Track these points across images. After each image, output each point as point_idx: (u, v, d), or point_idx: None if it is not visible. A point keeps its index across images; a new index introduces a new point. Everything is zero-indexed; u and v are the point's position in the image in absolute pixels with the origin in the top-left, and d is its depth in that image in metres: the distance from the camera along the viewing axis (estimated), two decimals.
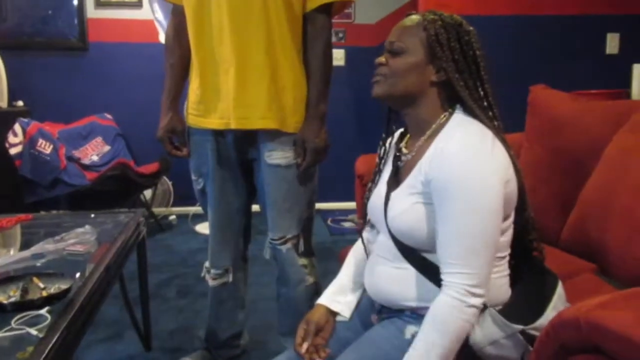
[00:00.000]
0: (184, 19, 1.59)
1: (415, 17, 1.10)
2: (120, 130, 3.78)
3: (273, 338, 1.95)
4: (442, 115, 1.09)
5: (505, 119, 1.10)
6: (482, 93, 1.08)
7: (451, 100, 1.09)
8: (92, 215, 1.83)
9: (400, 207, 1.07)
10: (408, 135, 1.18)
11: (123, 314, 2.05)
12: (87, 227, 1.55)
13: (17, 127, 3.16)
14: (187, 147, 1.72)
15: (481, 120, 1.05)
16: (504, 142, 1.04)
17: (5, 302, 1.04)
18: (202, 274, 1.83)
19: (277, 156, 1.59)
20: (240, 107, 1.54)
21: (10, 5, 3.77)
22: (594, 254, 1.48)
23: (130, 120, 3.84)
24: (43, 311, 1.01)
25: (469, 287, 0.95)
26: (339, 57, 3.92)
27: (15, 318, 0.98)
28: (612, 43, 3.37)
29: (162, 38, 3.59)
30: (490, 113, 1.08)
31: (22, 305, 1.03)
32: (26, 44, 3.77)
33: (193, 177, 1.77)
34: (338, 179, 3.00)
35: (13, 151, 3.14)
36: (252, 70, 1.52)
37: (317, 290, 1.71)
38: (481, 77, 1.08)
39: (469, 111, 1.07)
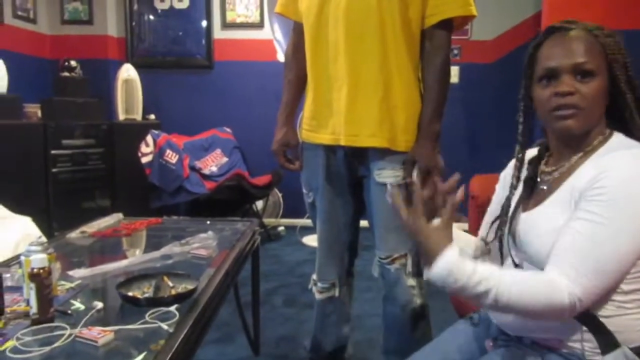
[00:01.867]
0: (303, 37, 1.64)
1: (580, 32, 0.98)
2: (237, 144, 4.01)
3: (376, 355, 1.94)
4: (601, 136, 1.00)
5: None
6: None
7: (612, 122, 1.01)
8: (211, 222, 1.95)
9: (546, 226, 0.98)
10: (548, 155, 1.10)
11: (234, 317, 2.15)
12: (210, 232, 1.66)
13: (148, 138, 3.48)
14: (300, 161, 1.77)
15: None
16: None
17: (140, 297, 1.14)
18: (309, 286, 1.86)
19: (386, 175, 1.58)
20: (350, 124, 1.55)
21: (147, 28, 4.18)
22: None
23: (247, 134, 4.07)
24: (172, 308, 1.09)
25: (577, 298, 0.88)
26: (453, 74, 3.85)
27: (149, 312, 1.07)
28: None
29: (280, 57, 3.77)
30: None
31: (155, 301, 1.12)
32: (159, 63, 4.16)
33: (304, 191, 1.81)
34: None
35: (144, 160, 3.46)
36: (364, 88, 1.52)
37: (424, 312, 1.68)
38: (637, 88, 0.99)
39: (629, 135, 0.99)
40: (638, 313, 0.95)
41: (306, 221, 4.05)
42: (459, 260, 0.93)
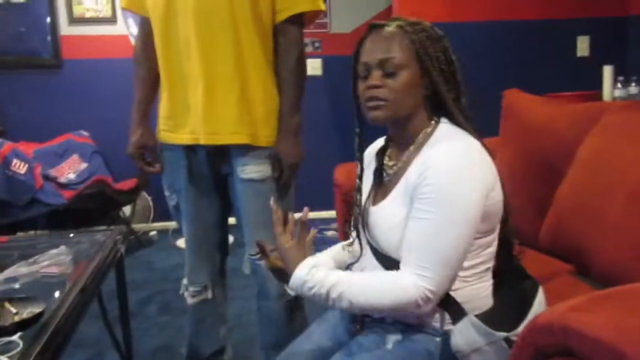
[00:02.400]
0: (152, 32, 1.57)
1: (392, 28, 1.04)
2: (97, 147, 3.73)
3: (258, 352, 1.94)
4: (428, 126, 1.07)
5: (479, 124, 1.10)
6: (463, 102, 1.08)
7: (435, 111, 1.08)
8: (70, 235, 1.79)
9: (390, 221, 1.06)
10: (390, 148, 1.16)
11: (103, 333, 2.01)
12: (62, 247, 1.52)
13: None
14: (160, 163, 1.70)
15: (466, 130, 1.05)
16: (489, 153, 1.04)
17: None
18: (181, 292, 1.80)
19: (250, 170, 1.57)
20: (209, 122, 1.52)
21: None
22: (571, 255, 1.50)
23: (108, 137, 3.79)
24: (15, 337, 0.98)
25: (428, 291, 0.95)
26: (316, 66, 3.94)
27: None
28: (583, 46, 3.44)
29: None
30: (472, 123, 1.08)
31: None
32: None
33: (166, 193, 1.74)
34: (316, 188, 2.99)
35: None
36: (220, 85, 1.50)
37: (300, 304, 1.70)
38: (460, 86, 1.08)
39: (454, 122, 1.07)
40: (478, 283, 1.05)
41: None
42: (312, 270, 1.02)
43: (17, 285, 1.32)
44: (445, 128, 1.07)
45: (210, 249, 1.74)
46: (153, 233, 3.86)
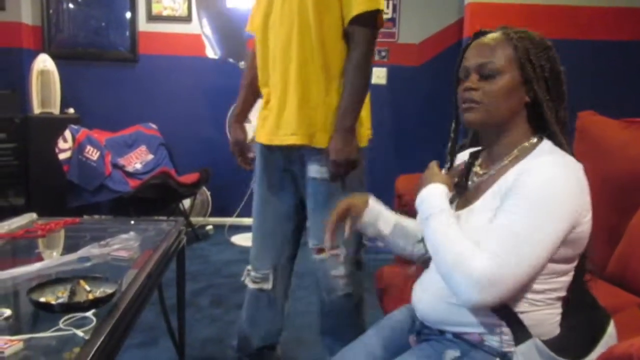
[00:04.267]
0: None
1: (497, 34, 1.05)
2: (163, 140, 3.88)
3: (305, 354, 1.95)
4: (530, 140, 1.05)
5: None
6: (562, 116, 1.05)
7: (538, 128, 1.06)
8: (133, 222, 1.88)
9: (472, 225, 1.03)
10: (481, 158, 1.15)
11: (159, 320, 2.08)
12: (132, 233, 1.59)
13: (67, 134, 3.29)
14: (253, 156, 1.85)
15: (566, 151, 1.02)
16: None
17: (53, 302, 1.08)
18: (243, 278, 1.82)
19: (315, 170, 1.64)
20: (277, 126, 1.65)
21: (67, 17, 3.95)
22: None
23: (174, 131, 3.95)
24: (89, 313, 1.04)
25: (492, 275, 0.91)
26: (380, 75, 3.93)
27: (63, 319, 1.01)
28: None
29: (209, 52, 3.70)
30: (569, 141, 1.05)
31: (70, 307, 1.06)
32: (79, 54, 3.94)
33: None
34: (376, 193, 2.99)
35: (62, 156, 3.27)
36: (288, 93, 1.61)
37: (358, 301, 1.74)
38: (564, 98, 1.05)
39: (556, 140, 1.03)
40: (547, 309, 1.01)
41: (235, 220, 4.00)
42: (442, 193, 1.06)
43: (89, 265, 1.40)
44: (548, 146, 1.04)
45: (276, 239, 1.77)
46: (209, 227, 3.96)
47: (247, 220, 3.99)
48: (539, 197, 0.93)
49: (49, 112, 3.59)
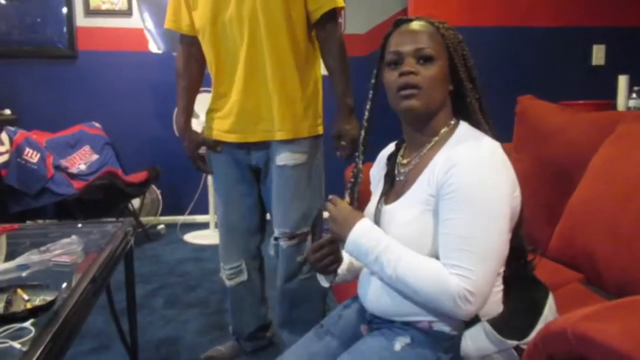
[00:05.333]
0: (193, 49, 1.76)
1: (423, 23, 1.07)
2: (108, 139, 3.76)
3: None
4: (447, 126, 1.08)
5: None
6: (484, 104, 1.08)
7: (456, 111, 1.10)
8: (79, 225, 1.81)
9: (405, 217, 1.05)
10: (404, 147, 1.17)
11: (110, 325, 2.02)
12: (74, 237, 1.53)
13: (3, 136, 3.14)
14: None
15: (486, 132, 1.05)
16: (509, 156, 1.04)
17: None
18: (220, 274, 1.92)
19: (285, 157, 1.71)
20: (254, 123, 1.70)
21: None
22: (581, 264, 1.49)
23: (119, 129, 3.83)
24: (27, 324, 0.99)
25: (468, 293, 0.93)
26: None
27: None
28: (598, 54, 3.41)
29: (152, 47, 3.59)
30: (492, 125, 1.08)
31: (6, 318, 1.01)
32: (14, 52, 3.75)
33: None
34: (330, 188, 3.00)
35: None
36: (265, 89, 1.67)
37: (317, 287, 1.76)
38: (481, 87, 1.08)
39: (474, 123, 1.07)
40: (497, 287, 1.05)
41: (187, 218, 3.92)
42: (372, 229, 1.05)
43: (28, 273, 1.33)
44: (465, 128, 1.08)
45: (244, 232, 1.86)
46: (161, 227, 3.88)
47: (200, 218, 3.93)
48: (475, 196, 0.96)
49: None
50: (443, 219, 0.99)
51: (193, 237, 3.61)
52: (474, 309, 0.95)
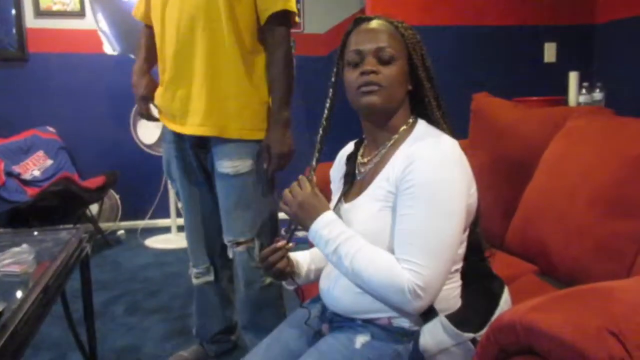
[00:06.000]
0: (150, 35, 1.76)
1: (384, 22, 1.08)
2: (63, 144, 3.65)
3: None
4: (406, 124, 1.10)
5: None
6: (441, 102, 1.10)
7: (413, 109, 1.11)
8: (34, 233, 1.75)
9: (364, 214, 1.06)
10: (363, 146, 1.18)
11: (67, 334, 1.96)
12: (25, 245, 1.47)
13: None
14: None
15: (443, 130, 1.07)
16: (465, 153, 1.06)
17: None
18: (189, 272, 1.92)
19: (225, 165, 1.66)
20: (185, 114, 1.66)
21: None
22: (536, 256, 1.53)
23: (75, 133, 3.72)
24: None
25: (417, 287, 0.94)
26: None
27: None
28: (550, 52, 3.52)
29: (106, 49, 3.51)
30: (449, 122, 1.10)
31: None
32: None
33: (166, 175, 1.89)
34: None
35: None
36: (195, 81, 1.62)
37: (274, 290, 1.80)
38: (437, 87, 1.10)
39: (432, 121, 1.09)
40: (449, 283, 1.06)
41: (148, 222, 3.85)
42: (333, 222, 1.05)
43: None
44: (423, 126, 1.09)
45: (208, 234, 1.85)
46: (121, 232, 3.79)
47: (160, 222, 3.86)
48: (432, 193, 0.97)
49: None
50: (399, 214, 1.00)
51: (154, 242, 3.54)
52: (424, 303, 0.96)
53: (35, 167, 3.44)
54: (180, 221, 3.29)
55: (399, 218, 1.00)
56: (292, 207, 1.08)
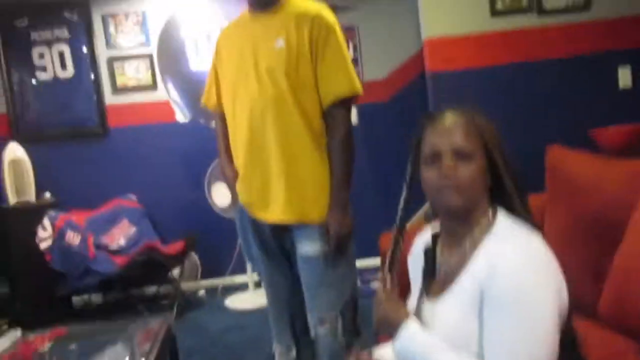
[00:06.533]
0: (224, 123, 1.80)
1: (458, 117, 1.06)
2: (144, 210, 3.85)
3: None
4: (485, 216, 1.06)
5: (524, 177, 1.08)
6: (521, 189, 1.06)
7: (492, 196, 1.08)
8: (121, 325, 1.84)
9: (449, 319, 1.03)
10: (441, 238, 1.15)
11: None
12: (119, 344, 1.56)
13: (45, 222, 3.25)
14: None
15: (524, 219, 1.03)
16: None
17: None
18: (273, 349, 1.91)
19: (306, 248, 1.68)
20: (265, 203, 1.68)
21: (31, 100, 3.93)
22: (636, 330, 1.42)
23: (154, 199, 3.92)
24: None
25: None
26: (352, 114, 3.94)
27: None
28: (624, 77, 3.33)
29: (179, 117, 3.70)
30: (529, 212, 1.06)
31: None
32: (49, 135, 3.91)
33: (245, 254, 1.93)
34: (362, 235, 2.95)
35: (43, 245, 3.22)
36: (272, 169, 1.65)
37: None
38: (513, 170, 1.06)
39: (510, 208, 1.05)
40: None
41: (227, 281, 3.94)
42: (420, 330, 1.05)
43: None
44: (504, 219, 1.05)
45: (289, 313, 1.84)
46: (202, 292, 3.90)
47: (239, 279, 3.95)
48: (520, 299, 0.94)
49: (25, 201, 3.55)
50: (488, 324, 0.96)
51: (235, 302, 3.61)
52: None
53: (120, 235, 3.64)
54: (256, 277, 3.37)
55: (487, 327, 0.97)
56: (378, 312, 1.09)
